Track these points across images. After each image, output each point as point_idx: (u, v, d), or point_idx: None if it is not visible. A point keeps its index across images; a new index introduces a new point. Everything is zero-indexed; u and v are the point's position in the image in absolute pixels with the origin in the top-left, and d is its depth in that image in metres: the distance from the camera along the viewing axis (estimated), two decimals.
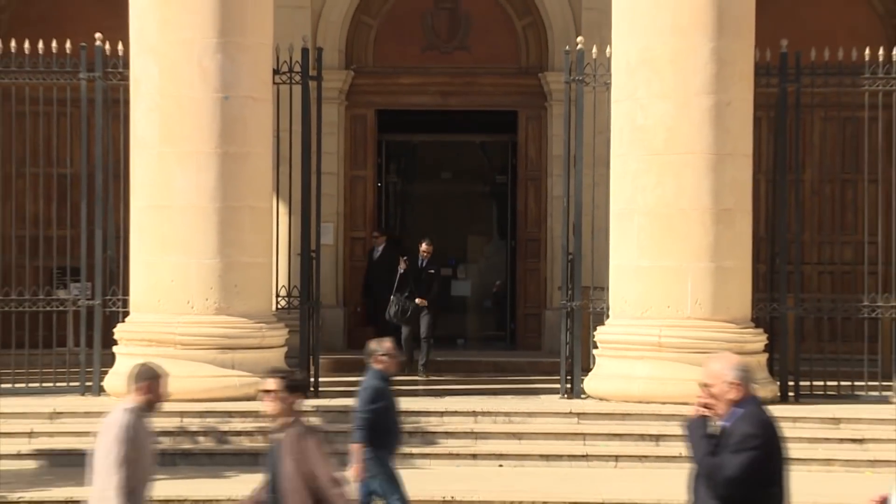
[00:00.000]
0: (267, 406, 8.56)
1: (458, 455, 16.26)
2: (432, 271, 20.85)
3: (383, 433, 12.52)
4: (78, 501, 14.28)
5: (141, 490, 9.14)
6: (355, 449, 12.45)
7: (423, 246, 20.89)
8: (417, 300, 20.42)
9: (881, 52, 18.11)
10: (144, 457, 9.19)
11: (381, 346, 12.76)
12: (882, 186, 18.38)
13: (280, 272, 18.79)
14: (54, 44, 18.03)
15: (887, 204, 18.26)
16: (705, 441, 7.57)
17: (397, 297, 20.17)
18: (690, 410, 8.45)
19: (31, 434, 16.36)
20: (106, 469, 8.90)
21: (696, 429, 7.66)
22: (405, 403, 17.47)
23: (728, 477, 7.35)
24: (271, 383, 8.55)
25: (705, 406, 7.68)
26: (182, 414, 16.46)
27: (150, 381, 9.12)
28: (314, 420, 16.76)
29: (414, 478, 14.97)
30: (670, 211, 17.30)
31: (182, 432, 16.32)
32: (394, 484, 12.59)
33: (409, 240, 24.51)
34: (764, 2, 18.05)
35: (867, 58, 18.08)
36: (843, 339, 18.58)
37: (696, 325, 17.21)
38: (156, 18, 17.40)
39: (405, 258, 20.64)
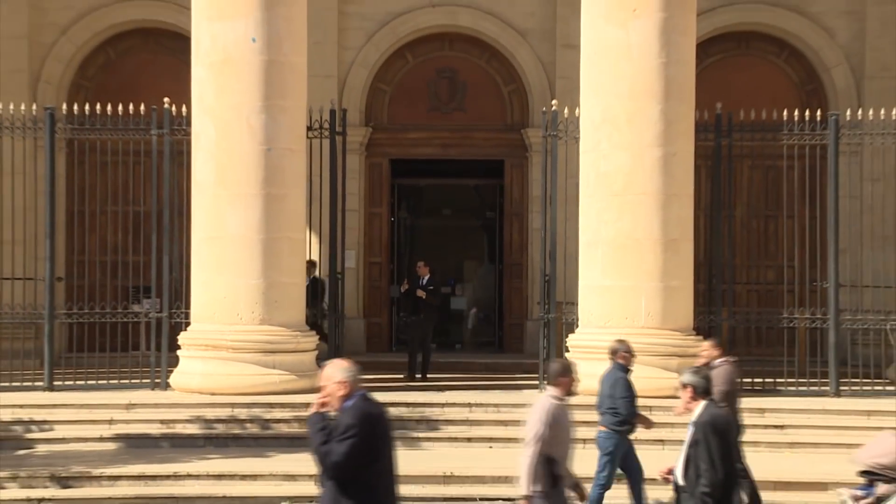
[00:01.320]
0: None
1: (456, 439, 16.22)
2: (431, 287, 19.85)
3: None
4: (149, 476, 14.43)
5: (563, 460, 9.68)
6: (640, 422, 12.78)
7: (422, 267, 20.01)
8: (419, 292, 19.65)
9: (796, 113, 18.16)
10: (565, 434, 9.75)
11: (622, 346, 12.94)
12: (797, 222, 18.44)
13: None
14: (131, 107, 18.06)
15: (802, 236, 18.40)
16: (320, 433, 7.47)
17: (404, 316, 19.80)
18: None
19: (111, 421, 16.32)
20: (528, 441, 9.48)
21: (314, 423, 7.56)
22: (413, 397, 17.59)
23: (334, 461, 7.28)
24: None
25: (322, 404, 7.59)
26: (233, 405, 16.55)
27: (568, 377, 9.83)
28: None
29: (420, 457, 15.25)
30: (627, 241, 17.23)
31: (233, 420, 16.32)
32: (612, 466, 12.59)
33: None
34: (702, 72, 18.17)
35: (785, 118, 18.09)
36: (767, 344, 18.68)
37: (649, 332, 17.08)
38: (212, 86, 17.44)
39: (406, 280, 20.15)
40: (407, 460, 15.16)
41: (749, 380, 17.72)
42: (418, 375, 19.55)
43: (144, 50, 22.52)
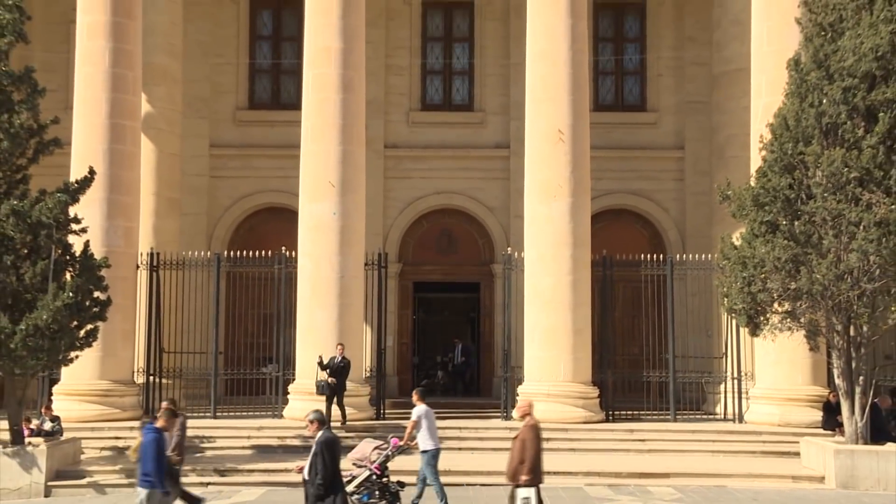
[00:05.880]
0: None
1: (451, 448, 15.65)
2: (342, 365, 16.58)
3: None
4: (271, 470, 14.25)
5: None
6: None
7: (339, 347, 16.77)
8: (329, 379, 16.45)
9: (648, 256, 18.34)
10: None
11: None
12: (650, 319, 18.10)
13: (367, 359, 18.57)
14: (263, 253, 18.21)
15: (653, 327, 18.12)
16: None
17: (320, 380, 16.58)
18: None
19: (248, 437, 16.35)
20: None
21: None
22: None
23: None
24: None
25: None
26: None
27: None
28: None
29: None
30: (553, 330, 17.10)
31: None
32: None
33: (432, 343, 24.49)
34: (595, 231, 17.80)
35: (642, 259, 18.10)
36: (634, 392, 18.51)
37: (565, 385, 17.00)
38: (310, 240, 17.38)
39: (320, 356, 16.64)
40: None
41: (624, 412, 17.73)
42: (338, 423, 16.35)
43: (271, 220, 22.20)
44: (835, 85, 13.65)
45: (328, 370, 16.46)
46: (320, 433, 9.03)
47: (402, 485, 11.51)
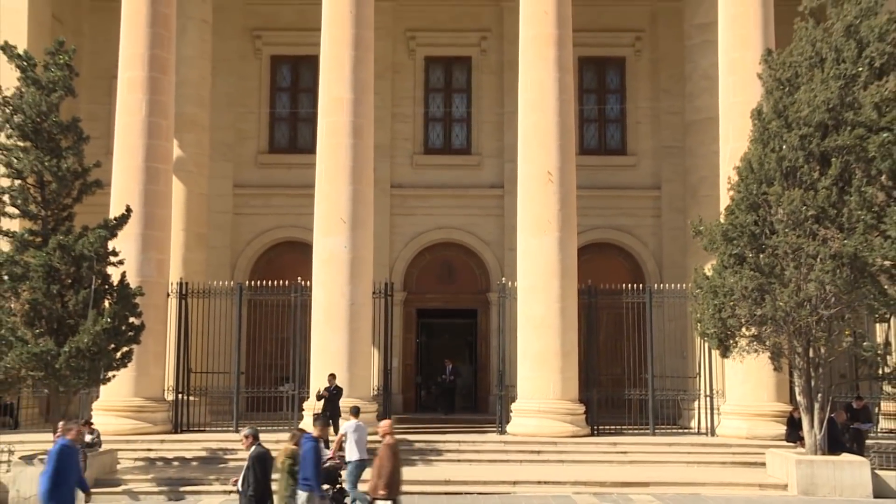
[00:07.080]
0: None
1: (451, 460, 16.01)
2: (335, 392, 16.34)
3: None
4: None
5: None
6: None
7: (330, 377, 16.44)
8: (318, 394, 16.21)
9: (629, 286, 18.48)
10: None
11: None
12: (632, 342, 18.05)
13: (374, 378, 18.74)
14: (281, 282, 18.34)
15: (634, 350, 18.02)
16: None
17: (314, 412, 16.59)
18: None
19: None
20: None
21: None
22: (428, 437, 16.94)
23: None
24: None
25: None
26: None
27: None
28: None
29: (431, 470, 15.15)
30: (543, 352, 17.10)
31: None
32: None
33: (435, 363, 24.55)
34: (581, 263, 18.08)
35: (623, 288, 18.35)
36: (617, 408, 18.51)
37: (554, 402, 17.02)
38: (323, 270, 17.06)
39: (318, 389, 16.53)
40: (424, 472, 15.08)
41: (608, 427, 17.76)
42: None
43: (288, 252, 22.35)
44: (793, 133, 14.04)
45: (323, 399, 16.26)
46: (253, 448, 8.89)
47: (343, 492, 11.65)
